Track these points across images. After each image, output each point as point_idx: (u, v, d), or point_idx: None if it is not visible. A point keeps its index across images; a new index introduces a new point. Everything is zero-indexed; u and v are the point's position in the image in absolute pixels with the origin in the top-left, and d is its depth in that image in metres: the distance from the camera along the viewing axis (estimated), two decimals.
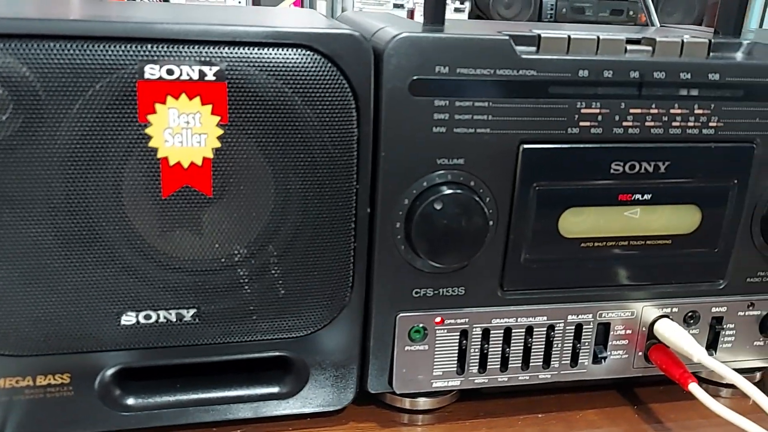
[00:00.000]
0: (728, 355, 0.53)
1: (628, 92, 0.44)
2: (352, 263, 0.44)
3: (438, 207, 0.42)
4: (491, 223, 0.45)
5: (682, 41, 0.47)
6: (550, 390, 0.53)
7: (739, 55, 0.48)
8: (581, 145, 0.45)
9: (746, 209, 0.49)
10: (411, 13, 2.62)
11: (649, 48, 0.47)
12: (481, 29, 0.45)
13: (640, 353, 0.51)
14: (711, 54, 0.48)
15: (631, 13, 2.49)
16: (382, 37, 0.42)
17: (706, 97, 0.46)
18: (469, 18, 2.58)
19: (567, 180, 0.45)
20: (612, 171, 0.46)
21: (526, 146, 0.44)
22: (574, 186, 0.45)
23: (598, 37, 0.46)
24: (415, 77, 0.41)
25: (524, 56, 0.42)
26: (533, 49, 0.45)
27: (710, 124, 0.46)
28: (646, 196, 0.47)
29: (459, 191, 0.43)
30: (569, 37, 0.45)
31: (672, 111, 0.45)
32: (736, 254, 0.50)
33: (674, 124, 0.46)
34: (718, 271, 0.50)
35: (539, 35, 0.45)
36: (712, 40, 0.48)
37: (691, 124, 0.46)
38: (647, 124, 0.45)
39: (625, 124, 0.45)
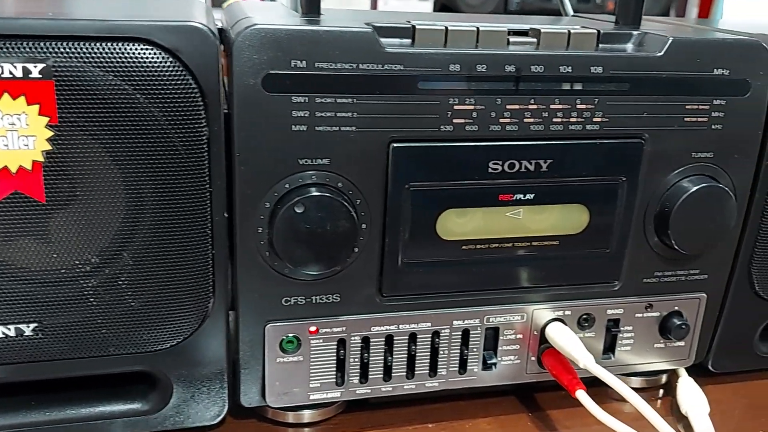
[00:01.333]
0: (628, 358, 0.51)
1: (504, 87, 0.42)
2: (211, 271, 0.41)
3: (299, 210, 0.40)
4: (364, 226, 0.43)
5: (569, 32, 0.45)
6: (446, 397, 0.51)
7: (628, 47, 0.46)
8: (456, 144, 0.42)
9: (638, 207, 0.47)
10: (374, 2, 2.58)
11: (534, 40, 0.45)
12: (355, 20, 0.43)
13: (533, 358, 0.49)
14: (600, 45, 0.46)
15: (598, 1, 2.48)
16: (236, 29, 0.39)
17: (588, 92, 0.44)
18: (434, 9, 2.55)
19: (442, 180, 0.43)
20: (490, 170, 0.43)
21: (396, 145, 0.41)
22: (450, 186, 0.43)
23: (478, 29, 0.43)
24: (268, 72, 0.38)
25: (389, 50, 0.40)
26: (408, 41, 0.42)
27: (594, 119, 0.44)
28: (529, 196, 0.45)
29: (322, 193, 0.40)
30: (446, 28, 0.43)
31: (552, 106, 0.43)
32: (630, 254, 0.48)
33: (555, 120, 0.44)
34: (611, 272, 0.48)
35: (414, 26, 0.42)
36: (602, 31, 0.46)
37: (573, 119, 0.44)
38: (526, 120, 0.43)
39: (502, 120, 0.43)
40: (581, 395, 0.46)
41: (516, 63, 0.42)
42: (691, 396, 0.51)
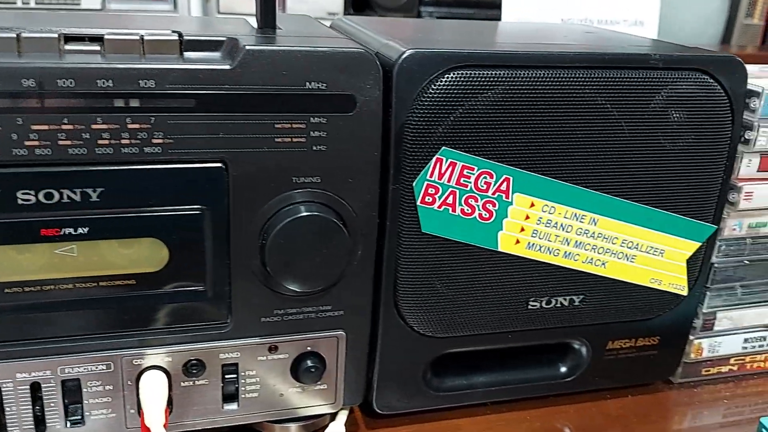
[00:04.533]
0: (260, 405, 0.46)
1: (27, 104, 0.36)
2: None
3: None
4: None
5: (142, 38, 0.39)
6: None
7: (216, 56, 0.40)
8: None
9: (236, 240, 0.41)
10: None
11: (98, 47, 0.39)
12: None
13: (133, 411, 0.43)
14: (186, 54, 0.40)
15: None
16: None
17: (141, 109, 0.37)
18: (345, 6, 2.46)
19: None
20: (21, 201, 0.37)
21: None
22: None
23: (19, 36, 0.37)
24: None
25: None
26: None
27: (154, 141, 0.38)
28: (81, 230, 0.38)
29: None
30: None
31: (95, 126, 0.37)
32: (239, 291, 0.43)
33: (101, 142, 0.37)
34: (217, 311, 0.43)
35: None
36: (187, 37, 0.40)
37: (125, 142, 0.38)
38: (61, 143, 0.37)
39: (28, 143, 0.36)
40: None
41: (35, 76, 0.35)
42: None
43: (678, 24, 1.32)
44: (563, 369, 0.54)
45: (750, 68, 0.57)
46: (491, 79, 0.43)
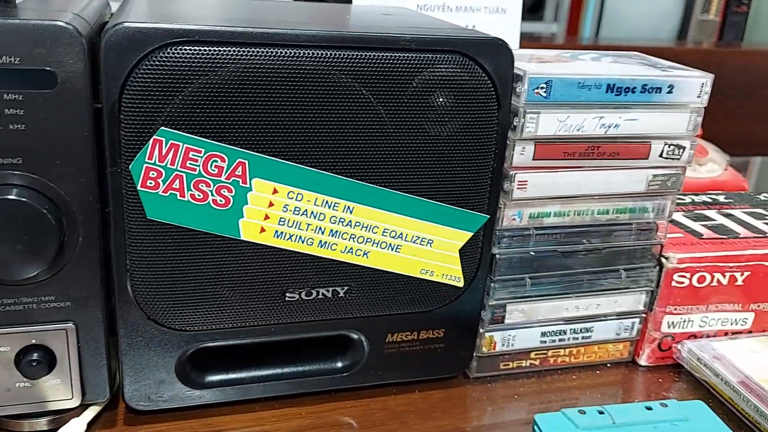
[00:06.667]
0: None
1: None
2: None
3: None
4: None
5: None
6: None
7: None
8: None
9: None
10: None
11: None
12: None
13: None
14: None
15: None
16: None
17: None
18: None
19: None
20: None
21: None
22: None
23: None
24: None
25: None
26: None
27: None
28: None
29: None
30: None
31: None
32: None
33: None
34: None
35: None
36: None
37: None
38: None
39: None
40: None
41: None
42: None
43: (634, 20, 1.31)
44: (340, 363, 0.52)
45: (546, 53, 0.55)
46: (221, 56, 0.40)
